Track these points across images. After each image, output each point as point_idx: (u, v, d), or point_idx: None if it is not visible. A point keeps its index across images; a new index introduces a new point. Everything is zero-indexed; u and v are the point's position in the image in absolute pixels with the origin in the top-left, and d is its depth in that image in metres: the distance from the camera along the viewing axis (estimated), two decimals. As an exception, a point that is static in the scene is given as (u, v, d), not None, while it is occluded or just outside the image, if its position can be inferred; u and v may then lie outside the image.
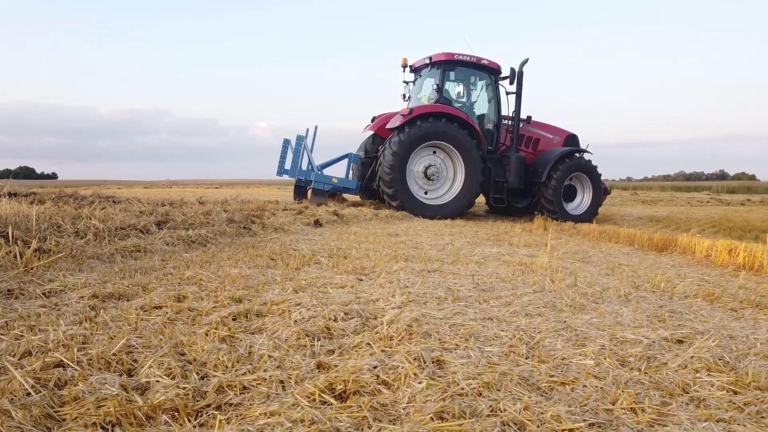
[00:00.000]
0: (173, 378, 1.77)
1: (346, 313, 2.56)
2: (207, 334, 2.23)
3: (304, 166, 10.78)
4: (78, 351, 1.95)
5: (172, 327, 2.32)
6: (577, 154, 10.77)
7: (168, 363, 1.86)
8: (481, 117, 11.11)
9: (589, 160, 10.84)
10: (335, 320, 2.46)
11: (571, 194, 10.90)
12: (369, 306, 2.74)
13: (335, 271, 3.82)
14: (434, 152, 10.17)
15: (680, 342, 2.33)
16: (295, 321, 2.43)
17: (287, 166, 10.84)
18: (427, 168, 10.10)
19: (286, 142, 10.73)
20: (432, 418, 1.49)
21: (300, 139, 10.45)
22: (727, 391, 1.80)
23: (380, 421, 1.51)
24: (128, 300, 2.80)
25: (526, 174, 10.67)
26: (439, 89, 10.36)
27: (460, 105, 10.83)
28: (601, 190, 11.04)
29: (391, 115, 10.77)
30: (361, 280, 3.52)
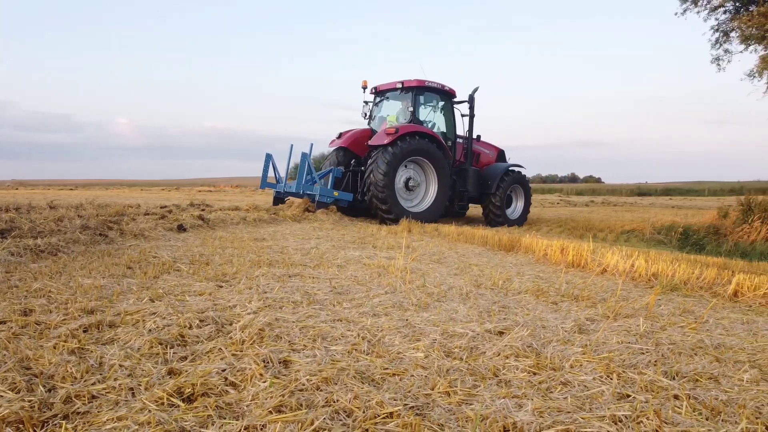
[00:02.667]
0: (18, 392, 1.79)
1: (201, 320, 2.65)
2: (55, 347, 2.23)
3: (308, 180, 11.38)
4: None
5: (17, 342, 2.29)
6: (517, 169, 12.85)
7: (12, 378, 1.87)
8: (443, 135, 12.20)
9: (525, 175, 13.04)
10: (190, 327, 2.55)
11: (508, 202, 12.85)
12: (225, 312, 2.85)
13: (195, 278, 3.86)
14: (411, 167, 11.21)
15: (501, 333, 2.70)
16: (149, 330, 2.49)
17: (277, 179, 11.70)
18: (407, 180, 11.14)
19: (269, 157, 11.44)
20: (270, 412, 1.67)
21: (304, 156, 11.10)
22: (528, 373, 2.15)
23: (224, 418, 1.66)
24: (-33, 316, 2.68)
25: (479, 185, 12.29)
26: (414, 111, 11.36)
27: (425, 125, 11.92)
28: (530, 199, 13.21)
29: (361, 132, 12.07)
30: (221, 286, 3.60)
